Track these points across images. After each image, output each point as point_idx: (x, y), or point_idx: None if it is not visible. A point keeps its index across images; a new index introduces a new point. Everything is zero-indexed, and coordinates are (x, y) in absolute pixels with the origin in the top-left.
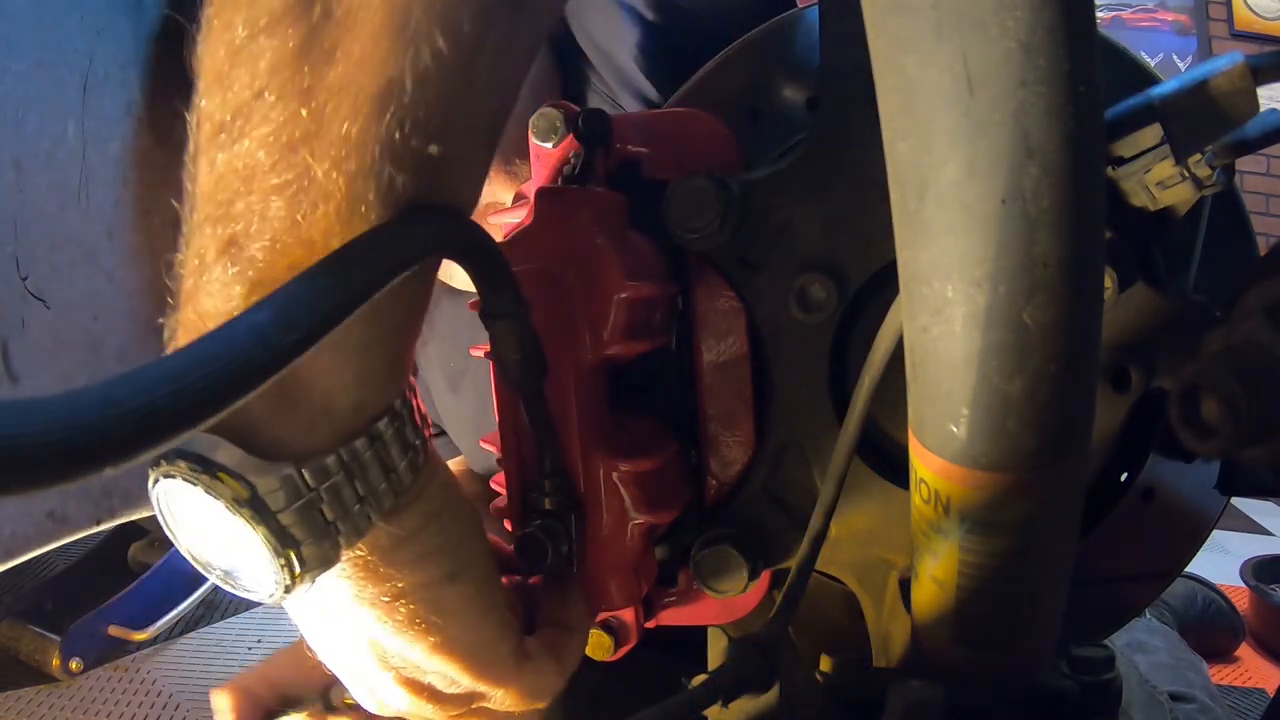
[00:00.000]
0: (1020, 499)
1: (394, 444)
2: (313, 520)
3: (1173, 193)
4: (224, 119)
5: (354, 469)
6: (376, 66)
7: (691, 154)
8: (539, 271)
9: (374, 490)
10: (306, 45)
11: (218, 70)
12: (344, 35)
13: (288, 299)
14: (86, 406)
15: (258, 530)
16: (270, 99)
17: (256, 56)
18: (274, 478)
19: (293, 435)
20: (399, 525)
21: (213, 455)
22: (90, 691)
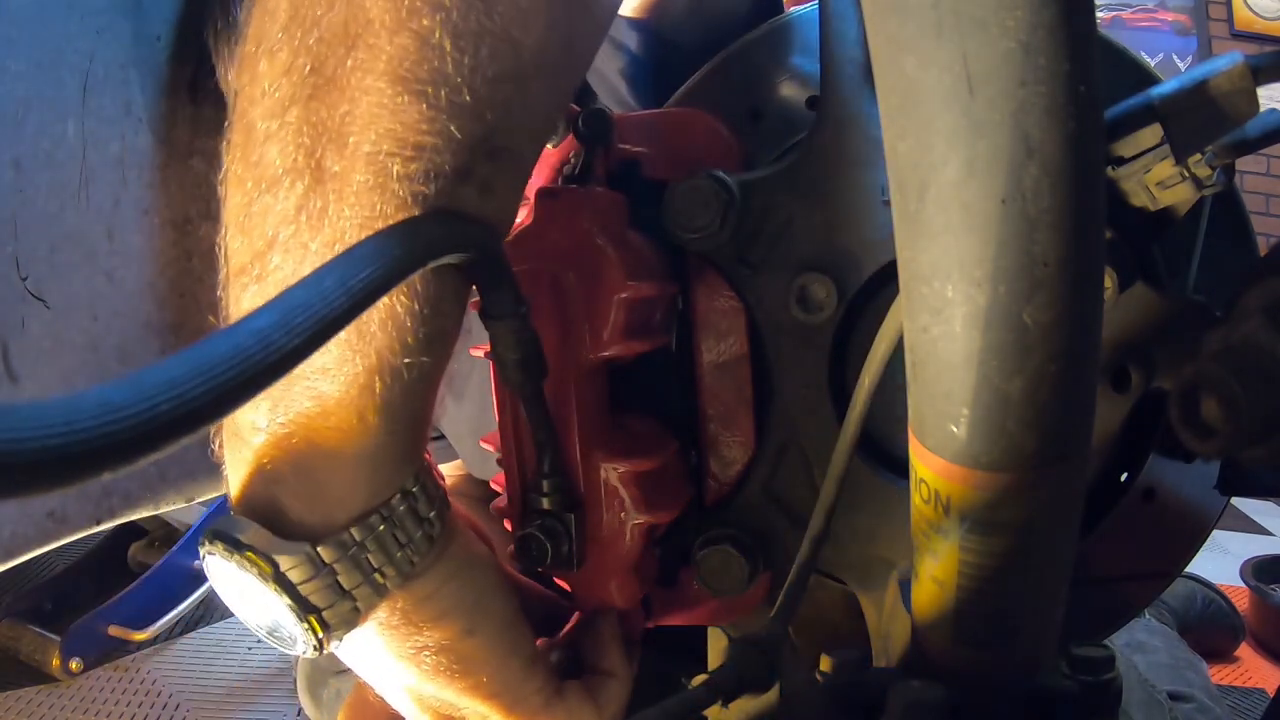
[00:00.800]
0: (1020, 499)
1: (408, 518)
2: (331, 589)
3: (1173, 193)
4: (244, 262)
5: (369, 544)
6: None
7: (691, 154)
8: (539, 271)
9: (390, 560)
10: (302, 205)
11: (237, 216)
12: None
13: (290, 303)
14: (85, 411)
15: (282, 599)
16: (278, 256)
17: (265, 212)
18: (294, 556)
19: (313, 518)
20: (415, 589)
21: (241, 536)
22: (90, 691)
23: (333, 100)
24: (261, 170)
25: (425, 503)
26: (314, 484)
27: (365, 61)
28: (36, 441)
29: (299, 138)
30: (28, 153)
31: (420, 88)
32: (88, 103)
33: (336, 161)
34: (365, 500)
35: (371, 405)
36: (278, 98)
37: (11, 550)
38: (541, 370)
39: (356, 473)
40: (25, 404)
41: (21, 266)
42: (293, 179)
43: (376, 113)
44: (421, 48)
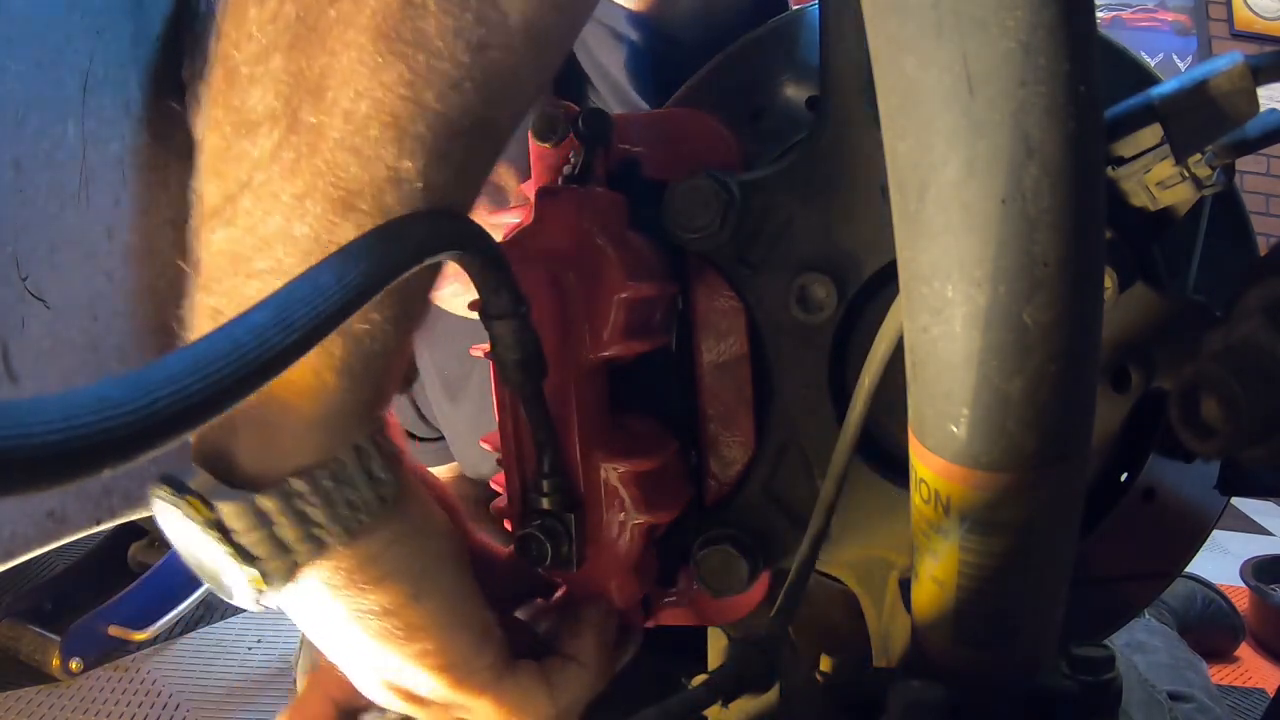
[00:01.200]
0: (1020, 499)
1: (358, 476)
2: (270, 540)
3: (1173, 193)
4: (216, 205)
5: (311, 497)
6: (333, 180)
7: (691, 154)
8: (539, 271)
9: (334, 516)
10: (276, 153)
11: (213, 160)
12: (308, 150)
13: (287, 300)
14: (84, 407)
15: (220, 546)
16: (249, 200)
17: (241, 156)
18: (234, 504)
19: (260, 468)
20: (360, 549)
21: (186, 481)
22: (90, 691)
23: (314, 51)
24: (241, 115)
25: (379, 462)
26: (265, 434)
27: (349, 14)
28: (36, 438)
29: (279, 85)
30: (28, 153)
31: (401, 48)
32: (88, 103)
33: (313, 113)
34: (313, 454)
35: (329, 365)
36: (263, 43)
37: (11, 550)
38: (541, 370)
39: (308, 426)
40: (24, 401)
41: (21, 266)
42: (270, 125)
43: (356, 69)
44: (405, 5)
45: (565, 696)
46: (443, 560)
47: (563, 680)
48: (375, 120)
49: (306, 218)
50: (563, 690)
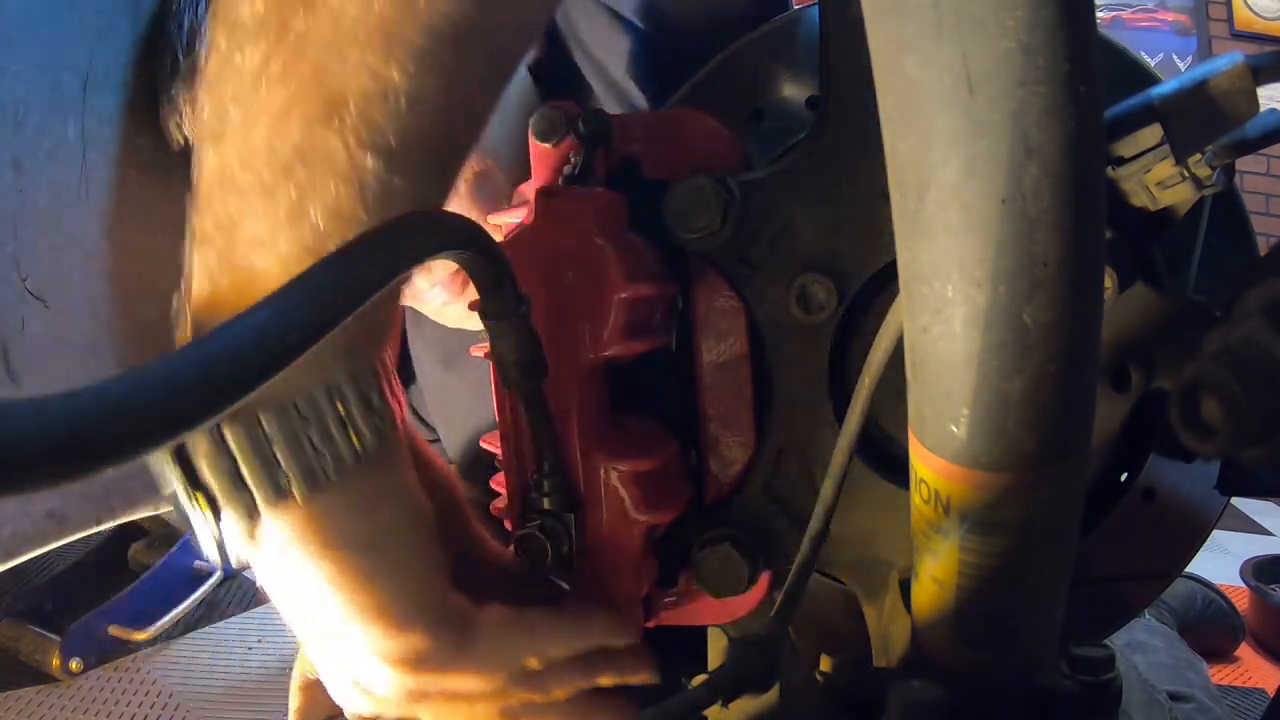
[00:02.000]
0: (1020, 499)
1: (332, 421)
2: (228, 474)
3: (1173, 193)
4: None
5: (276, 435)
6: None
7: (691, 154)
8: (539, 271)
9: (298, 460)
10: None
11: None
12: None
13: (288, 298)
14: (87, 407)
15: (176, 475)
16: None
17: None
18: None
19: None
20: (317, 504)
21: None
22: (90, 691)
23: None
24: (233, 28)
25: (359, 411)
26: None
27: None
28: (39, 437)
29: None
30: (28, 153)
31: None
32: (88, 103)
33: (303, 20)
34: (287, 383)
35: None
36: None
37: (11, 550)
38: (541, 370)
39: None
40: (25, 400)
41: (21, 266)
42: (259, 35)
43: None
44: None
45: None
46: (404, 534)
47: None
48: (362, 23)
49: (290, 129)
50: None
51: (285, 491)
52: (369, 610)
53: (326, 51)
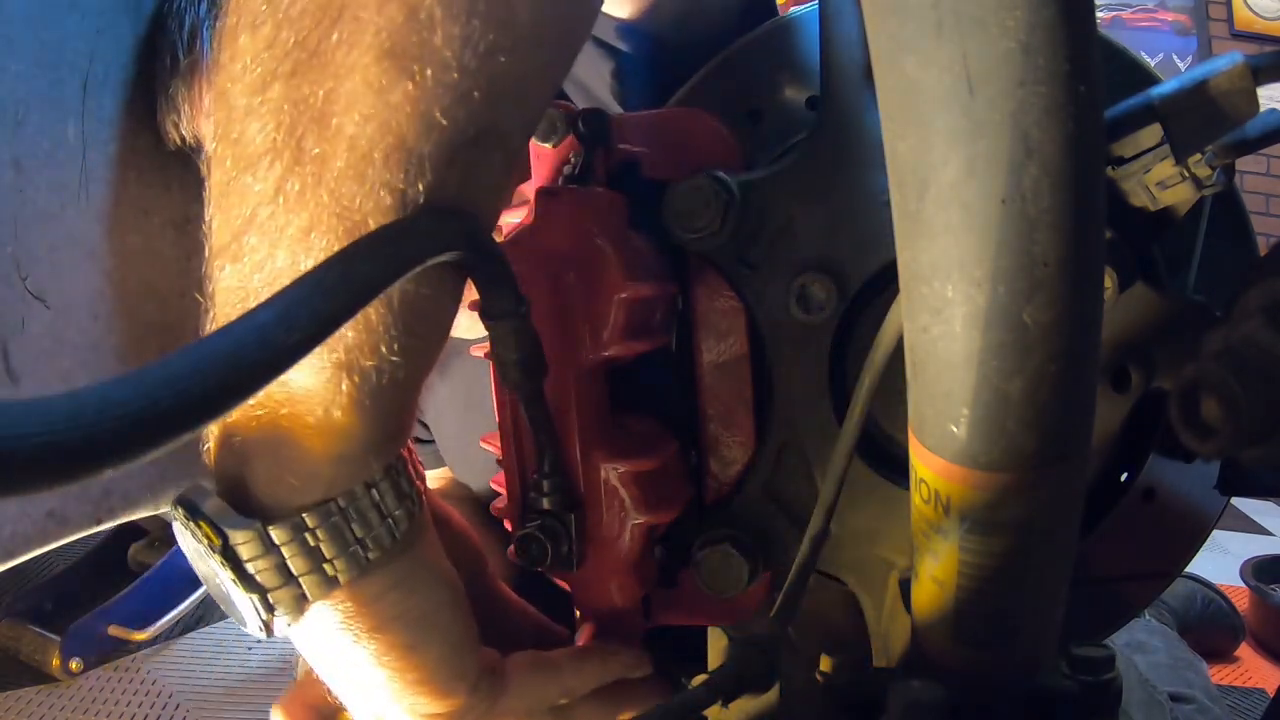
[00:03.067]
0: (1020, 499)
1: (370, 512)
2: (279, 571)
3: (1173, 193)
4: (224, 242)
5: (322, 532)
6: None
7: (691, 154)
8: (539, 271)
9: (343, 551)
10: (280, 187)
11: (218, 195)
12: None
13: (290, 300)
14: (88, 407)
15: (228, 573)
16: (254, 237)
17: (244, 191)
18: (245, 532)
19: (273, 499)
20: (363, 589)
21: (200, 505)
22: (90, 691)
23: (316, 77)
24: (241, 148)
25: (392, 499)
26: (277, 466)
27: (351, 35)
28: (40, 438)
29: (279, 115)
30: (28, 153)
31: (407, 64)
32: (88, 103)
33: (317, 143)
34: (326, 488)
35: (338, 402)
36: (259, 73)
37: (11, 550)
38: (541, 370)
39: (319, 461)
40: (28, 401)
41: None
42: (271, 159)
43: (361, 92)
44: (410, 19)
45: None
46: (442, 610)
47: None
48: (381, 144)
49: (313, 251)
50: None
51: (333, 580)
52: (415, 680)
53: (345, 177)
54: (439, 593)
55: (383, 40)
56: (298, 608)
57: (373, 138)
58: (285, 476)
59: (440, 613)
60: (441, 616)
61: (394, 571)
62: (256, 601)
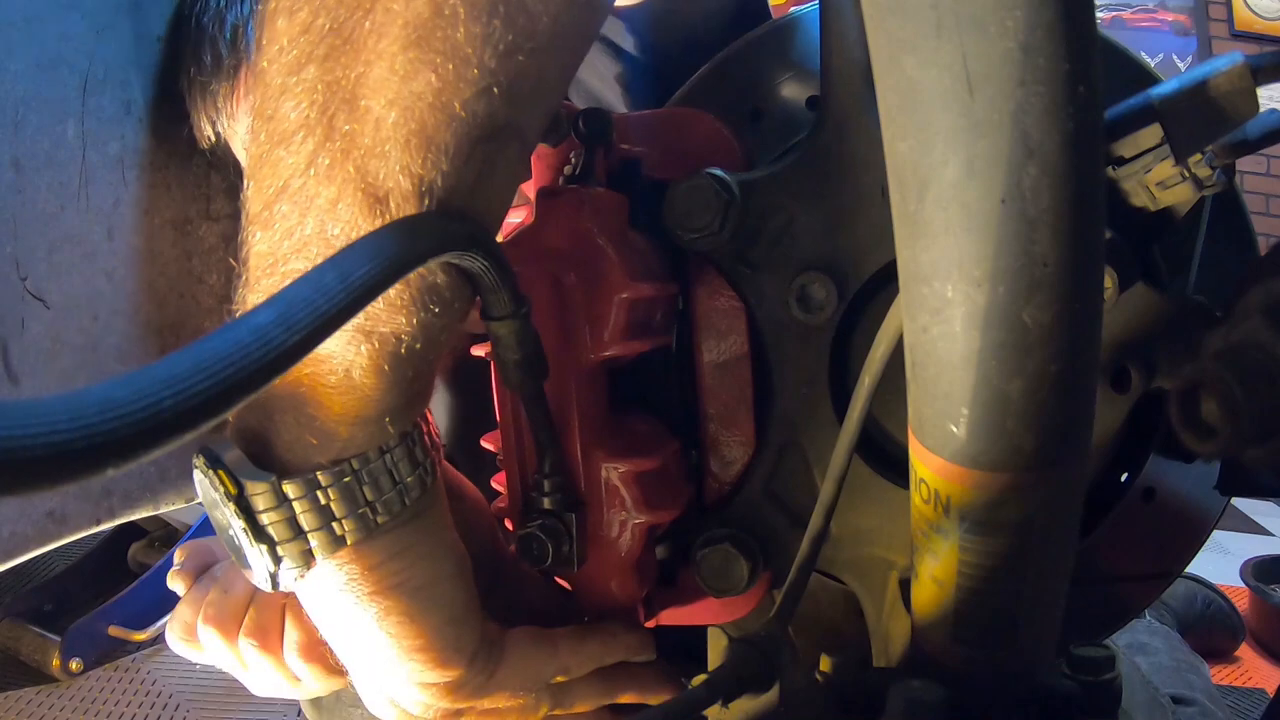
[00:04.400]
0: (1020, 499)
1: (383, 476)
2: (289, 524)
3: (1173, 193)
4: (256, 210)
5: (334, 490)
6: (364, 188)
7: (692, 154)
8: (539, 272)
9: (353, 511)
10: (312, 160)
11: (255, 165)
12: (341, 156)
13: (290, 301)
14: (88, 408)
15: (240, 522)
16: (286, 204)
17: (278, 163)
18: (260, 483)
19: (291, 455)
20: (369, 551)
21: (220, 454)
22: (90, 691)
23: (347, 61)
24: (276, 124)
25: (406, 466)
26: (298, 424)
27: (382, 24)
28: (41, 438)
29: (313, 95)
30: (28, 153)
31: (431, 57)
32: (88, 103)
33: (347, 121)
34: (342, 448)
35: (357, 364)
36: (295, 55)
37: (11, 550)
38: (542, 370)
39: (337, 421)
40: (29, 400)
41: (21, 266)
42: (304, 134)
43: (387, 77)
44: (435, 14)
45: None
46: (444, 581)
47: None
48: (403, 127)
49: (339, 220)
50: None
51: (341, 540)
52: (414, 648)
53: (371, 155)
54: (443, 564)
55: (409, 32)
56: (304, 563)
57: (396, 122)
58: (305, 434)
59: (442, 584)
60: (443, 588)
61: (401, 538)
62: (265, 552)
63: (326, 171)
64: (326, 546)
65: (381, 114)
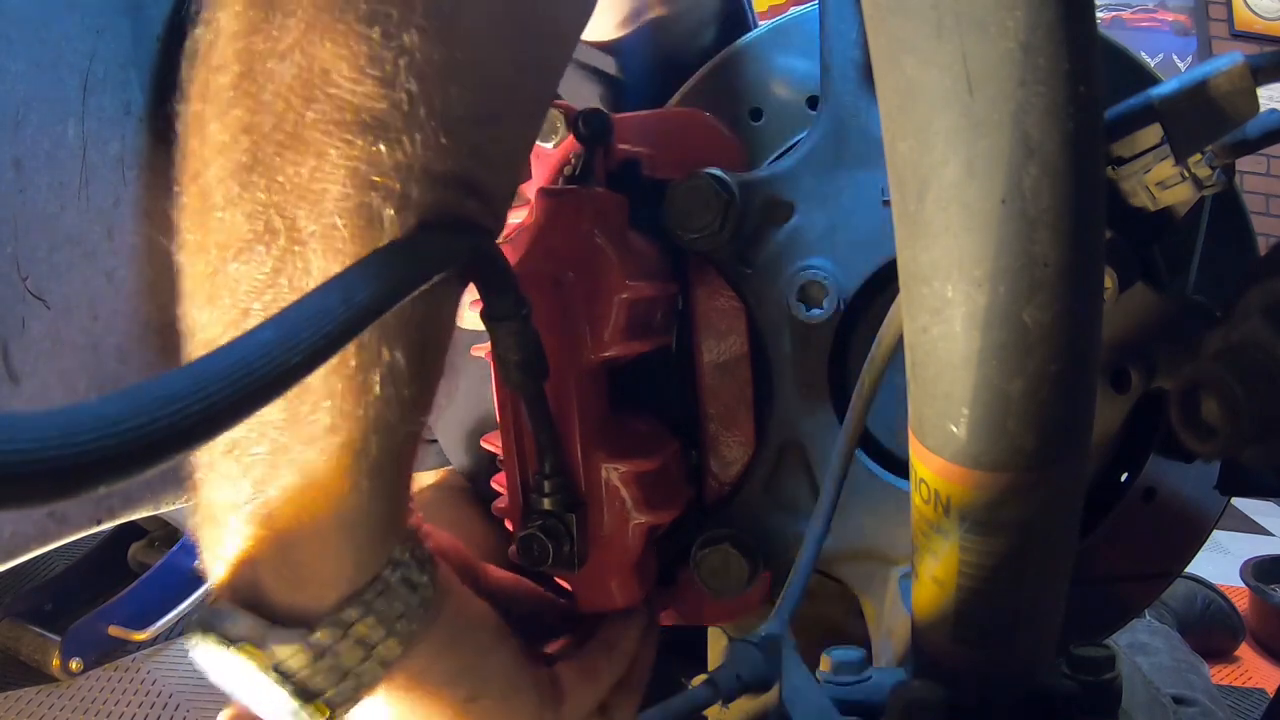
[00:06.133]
0: (1020, 499)
1: (402, 587)
2: (333, 671)
3: (1173, 193)
4: (215, 335)
5: (367, 621)
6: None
7: (692, 154)
8: (539, 272)
9: (390, 632)
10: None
11: (203, 287)
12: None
13: (294, 320)
14: (83, 424)
15: (281, 689)
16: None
17: (236, 279)
18: (291, 645)
19: (302, 599)
20: (414, 660)
21: (232, 628)
22: (90, 691)
23: (298, 157)
24: (227, 236)
25: (417, 569)
26: (299, 563)
27: (328, 113)
28: (34, 454)
29: (270, 197)
30: (28, 153)
31: (394, 135)
32: (88, 103)
33: (313, 220)
34: (354, 575)
35: (364, 468)
36: (239, 160)
37: (11, 550)
38: (543, 371)
39: (344, 547)
40: (23, 415)
41: (21, 266)
42: (267, 243)
43: (351, 165)
44: (388, 93)
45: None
46: (491, 653)
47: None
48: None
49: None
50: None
51: (386, 663)
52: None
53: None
54: (486, 636)
55: (361, 115)
56: (355, 699)
57: (378, 204)
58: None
59: (489, 656)
60: (491, 661)
61: (437, 636)
62: (318, 707)
63: (303, 275)
64: (375, 675)
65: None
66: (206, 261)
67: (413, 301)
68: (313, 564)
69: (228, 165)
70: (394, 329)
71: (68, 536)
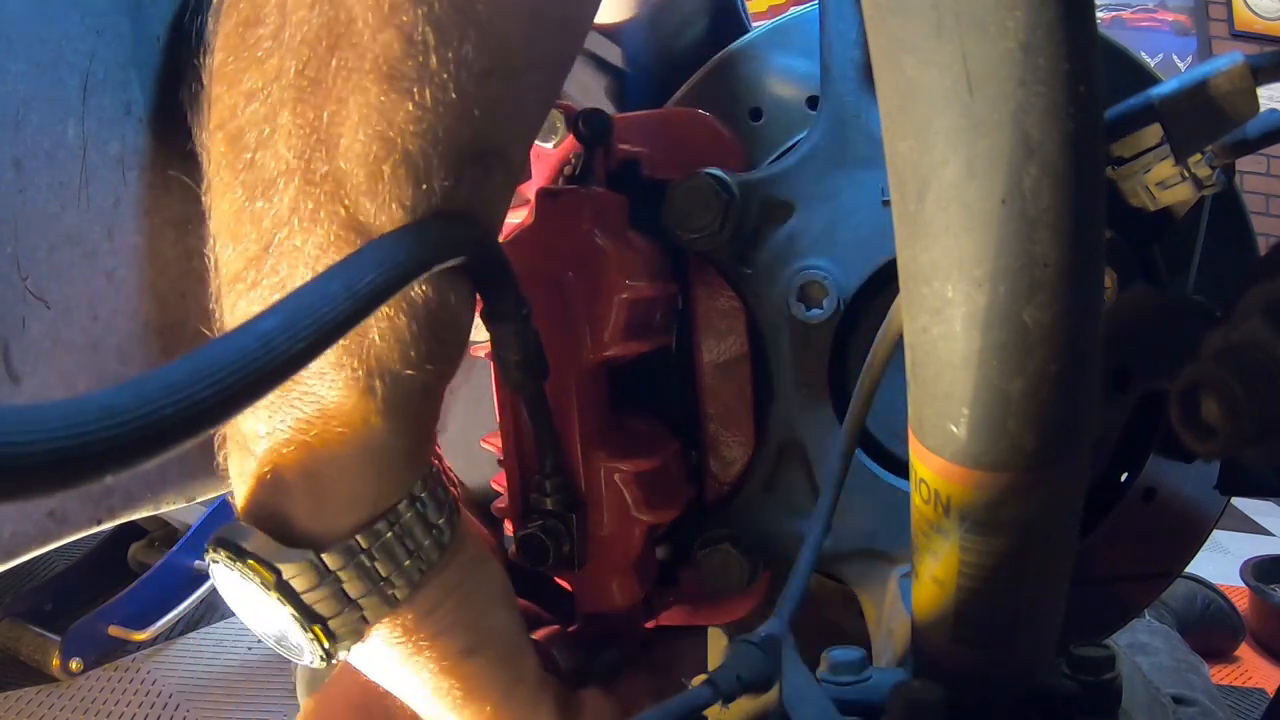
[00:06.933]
0: (1020, 499)
1: (416, 525)
2: (337, 598)
3: (1173, 193)
4: (238, 269)
5: (376, 551)
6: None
7: (692, 154)
8: (540, 272)
9: (398, 568)
10: (294, 206)
11: (228, 224)
12: (326, 199)
13: (295, 307)
14: (88, 414)
15: (285, 607)
16: (272, 259)
17: (259, 216)
18: (297, 564)
19: (319, 525)
20: (420, 602)
21: (244, 543)
22: (90, 691)
23: (319, 101)
24: (253, 174)
25: (434, 509)
26: (318, 490)
27: (350, 61)
28: (40, 444)
29: (290, 140)
30: (28, 153)
31: (407, 85)
32: (88, 103)
33: (326, 162)
34: (371, 506)
35: (374, 408)
36: (268, 103)
37: (11, 550)
38: (543, 371)
39: (361, 477)
40: (28, 406)
41: (21, 266)
42: (285, 181)
43: (365, 113)
44: (406, 44)
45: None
46: (497, 610)
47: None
48: (388, 160)
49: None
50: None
51: (392, 600)
52: (475, 688)
53: (357, 192)
54: (493, 592)
55: (380, 64)
56: (358, 631)
57: (379, 155)
58: (328, 501)
59: (493, 614)
60: (497, 616)
61: (447, 580)
62: (319, 633)
63: (312, 216)
64: (379, 609)
65: (363, 150)
66: (233, 200)
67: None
68: (330, 491)
69: (258, 109)
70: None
71: (68, 536)
